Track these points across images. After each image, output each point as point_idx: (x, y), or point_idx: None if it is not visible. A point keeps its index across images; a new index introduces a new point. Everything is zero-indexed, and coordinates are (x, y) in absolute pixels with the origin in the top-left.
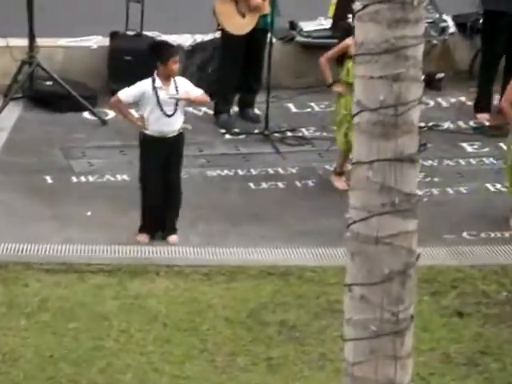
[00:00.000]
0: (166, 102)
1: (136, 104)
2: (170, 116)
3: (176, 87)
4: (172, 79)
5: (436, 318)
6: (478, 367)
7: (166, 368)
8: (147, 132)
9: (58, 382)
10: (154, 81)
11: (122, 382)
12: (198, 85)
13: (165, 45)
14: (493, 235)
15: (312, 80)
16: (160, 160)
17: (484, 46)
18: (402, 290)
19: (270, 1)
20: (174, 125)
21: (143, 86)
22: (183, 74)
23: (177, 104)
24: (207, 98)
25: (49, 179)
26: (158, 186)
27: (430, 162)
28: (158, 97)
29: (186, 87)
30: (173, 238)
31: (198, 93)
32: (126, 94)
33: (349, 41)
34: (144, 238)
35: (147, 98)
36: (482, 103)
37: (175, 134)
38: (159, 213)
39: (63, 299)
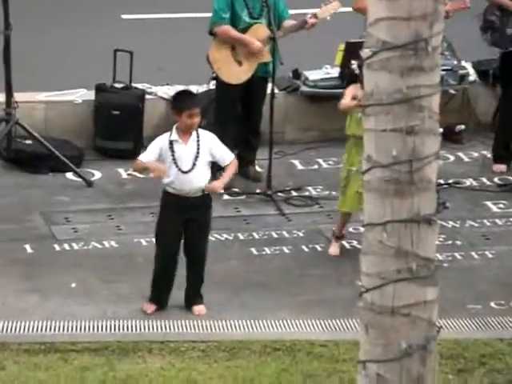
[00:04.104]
0: (182, 157)
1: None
2: (185, 172)
3: (198, 141)
4: (194, 133)
5: None
6: None
7: None
8: (167, 189)
9: None
10: (170, 134)
11: None
12: None
13: (180, 94)
14: None
15: (319, 134)
16: (179, 223)
17: (503, 89)
18: (423, 367)
19: (270, 47)
20: (194, 182)
21: (160, 140)
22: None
23: (196, 159)
24: (234, 166)
25: (28, 248)
26: (174, 252)
27: (451, 223)
28: (173, 151)
29: (209, 143)
30: (199, 307)
31: (223, 153)
32: (145, 154)
33: (353, 88)
34: (150, 307)
35: (165, 153)
36: (499, 152)
37: (198, 194)
38: (171, 282)
39: None
